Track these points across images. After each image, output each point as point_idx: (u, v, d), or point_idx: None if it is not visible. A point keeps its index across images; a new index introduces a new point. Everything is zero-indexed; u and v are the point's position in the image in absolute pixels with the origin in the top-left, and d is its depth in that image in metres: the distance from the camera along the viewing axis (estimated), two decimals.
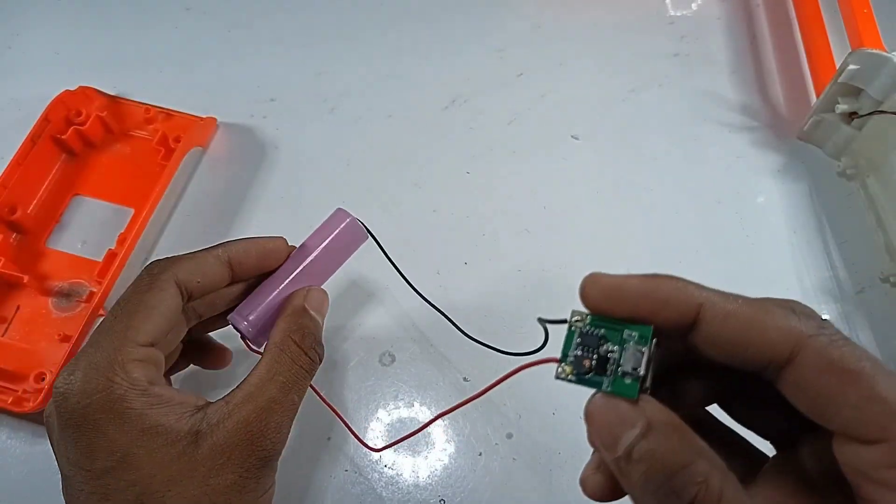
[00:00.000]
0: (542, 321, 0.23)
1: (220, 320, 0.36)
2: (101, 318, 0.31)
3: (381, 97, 0.52)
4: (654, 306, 0.20)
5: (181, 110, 0.48)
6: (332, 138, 0.51)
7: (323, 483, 0.38)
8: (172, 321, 0.32)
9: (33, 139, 0.46)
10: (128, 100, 0.49)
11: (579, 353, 0.20)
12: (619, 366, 0.20)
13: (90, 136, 0.48)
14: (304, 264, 0.35)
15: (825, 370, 0.18)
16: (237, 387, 0.31)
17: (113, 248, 0.43)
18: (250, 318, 0.33)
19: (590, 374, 0.20)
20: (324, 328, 0.35)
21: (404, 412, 0.40)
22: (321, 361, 0.34)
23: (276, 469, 0.32)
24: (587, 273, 0.22)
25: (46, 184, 0.47)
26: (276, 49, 0.55)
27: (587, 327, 0.21)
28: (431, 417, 0.34)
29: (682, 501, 0.17)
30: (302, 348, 0.32)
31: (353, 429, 0.37)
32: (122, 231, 0.44)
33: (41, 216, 0.46)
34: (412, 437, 0.35)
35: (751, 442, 0.23)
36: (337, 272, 0.37)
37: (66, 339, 0.41)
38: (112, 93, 0.49)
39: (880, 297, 0.44)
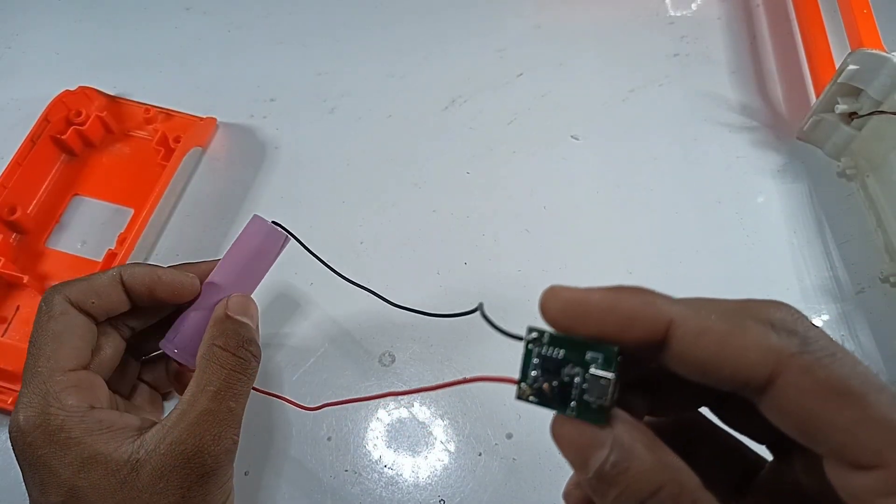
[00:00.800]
0: (482, 312, 0.21)
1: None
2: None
3: (381, 97, 0.52)
4: (619, 323, 0.18)
5: (181, 110, 0.48)
6: (332, 138, 0.51)
7: (323, 483, 0.38)
8: (89, 340, 0.32)
9: (33, 139, 0.46)
10: (128, 100, 0.49)
11: (538, 374, 0.18)
12: (583, 393, 0.18)
13: (90, 137, 0.48)
14: (225, 278, 0.35)
15: (810, 392, 0.16)
16: (174, 408, 0.31)
17: (113, 248, 0.43)
18: (176, 341, 0.34)
19: (552, 398, 0.18)
20: (260, 331, 0.35)
21: (404, 412, 0.40)
22: (258, 360, 0.33)
23: (228, 477, 0.32)
24: (550, 285, 0.19)
25: (46, 184, 0.47)
26: (276, 49, 0.55)
27: (546, 348, 0.18)
28: (383, 393, 0.36)
29: None
30: (228, 351, 0.32)
31: (289, 397, 0.37)
32: (122, 231, 0.44)
33: (41, 216, 0.46)
34: (357, 403, 0.37)
35: (748, 446, 0.22)
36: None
37: None
38: (112, 93, 0.49)
39: (880, 297, 0.44)
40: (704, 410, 0.22)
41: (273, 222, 0.36)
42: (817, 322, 0.43)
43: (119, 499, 0.28)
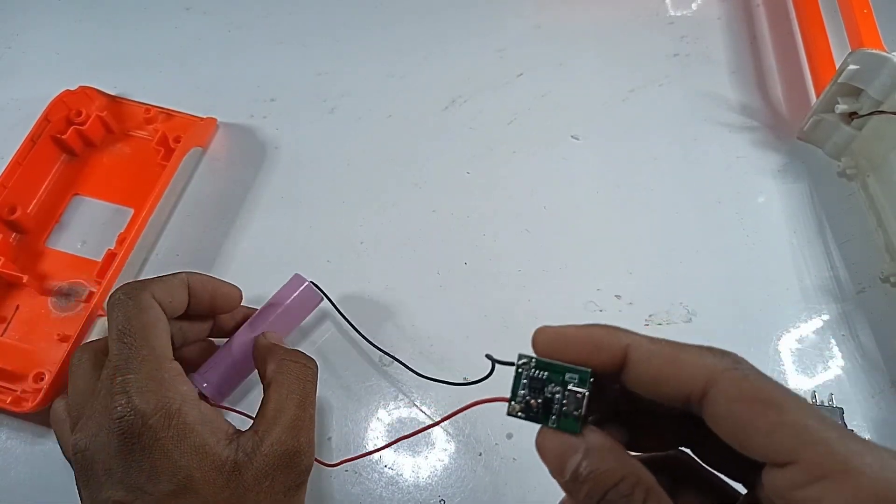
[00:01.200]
0: (490, 358, 0.25)
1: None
2: (115, 352, 0.30)
3: (381, 97, 0.52)
4: (589, 350, 0.22)
5: (181, 110, 0.48)
6: (332, 138, 0.51)
7: (323, 483, 0.38)
8: (169, 335, 0.33)
9: (33, 139, 0.46)
10: (128, 100, 0.49)
11: (525, 392, 0.22)
12: (562, 406, 0.22)
13: (90, 136, 0.48)
14: (261, 328, 0.38)
15: (737, 400, 0.19)
16: (257, 418, 0.32)
17: (112, 248, 0.43)
18: (207, 375, 0.37)
19: (538, 412, 0.22)
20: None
21: (404, 412, 0.40)
22: (317, 368, 0.36)
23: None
24: (539, 326, 0.23)
25: (46, 184, 0.47)
26: (276, 49, 0.55)
27: (533, 371, 0.22)
28: (393, 439, 0.37)
29: None
30: (299, 363, 0.34)
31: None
32: (122, 231, 0.44)
33: (41, 216, 0.46)
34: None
35: (727, 483, 0.24)
36: None
37: (65, 338, 0.41)
38: (112, 93, 0.49)
39: (880, 297, 0.44)
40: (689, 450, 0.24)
41: (311, 282, 0.40)
42: (818, 322, 0.43)
43: (227, 495, 0.29)
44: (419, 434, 0.36)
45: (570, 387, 0.22)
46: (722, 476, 0.24)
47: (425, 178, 0.48)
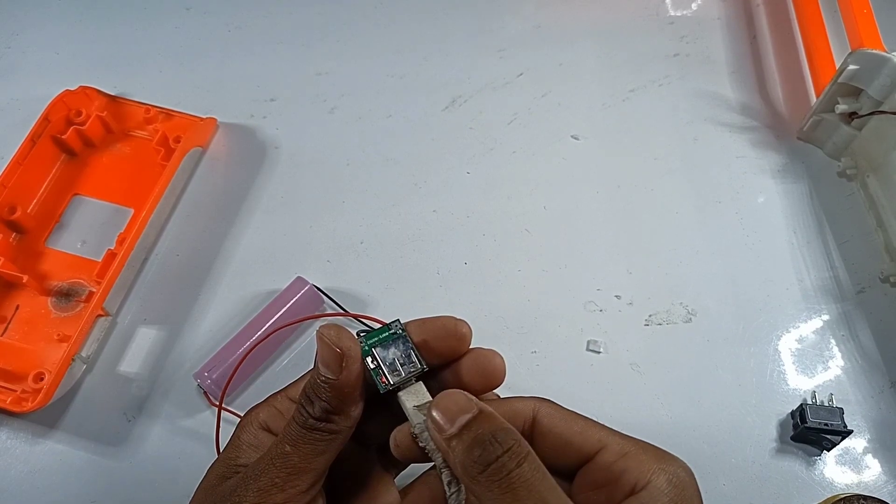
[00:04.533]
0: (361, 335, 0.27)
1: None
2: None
3: (381, 97, 0.52)
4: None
5: (181, 110, 0.48)
6: (332, 138, 0.51)
7: None
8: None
9: (33, 139, 0.46)
10: (128, 100, 0.49)
11: (376, 364, 0.26)
12: (404, 362, 0.26)
13: (90, 136, 0.48)
14: (263, 327, 0.40)
15: (557, 417, 0.26)
16: None
17: (112, 247, 0.43)
18: (209, 372, 0.39)
19: (396, 375, 0.25)
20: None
21: None
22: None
23: None
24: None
25: (46, 183, 0.47)
26: (276, 49, 0.54)
27: (368, 347, 0.26)
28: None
29: (502, 447, 0.22)
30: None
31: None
32: (122, 231, 0.44)
33: (41, 216, 0.46)
34: None
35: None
36: None
37: (64, 338, 0.41)
38: (112, 93, 0.49)
39: (880, 297, 0.44)
40: None
41: (313, 285, 0.41)
42: (818, 322, 0.43)
43: None
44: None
45: (399, 345, 0.26)
46: None
47: (425, 178, 0.48)
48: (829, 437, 0.38)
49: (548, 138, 0.50)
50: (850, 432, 0.38)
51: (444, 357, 0.27)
